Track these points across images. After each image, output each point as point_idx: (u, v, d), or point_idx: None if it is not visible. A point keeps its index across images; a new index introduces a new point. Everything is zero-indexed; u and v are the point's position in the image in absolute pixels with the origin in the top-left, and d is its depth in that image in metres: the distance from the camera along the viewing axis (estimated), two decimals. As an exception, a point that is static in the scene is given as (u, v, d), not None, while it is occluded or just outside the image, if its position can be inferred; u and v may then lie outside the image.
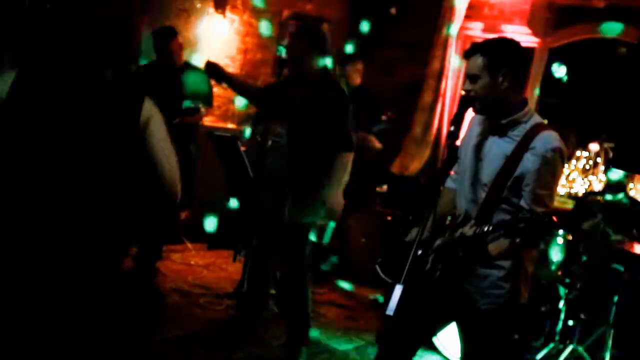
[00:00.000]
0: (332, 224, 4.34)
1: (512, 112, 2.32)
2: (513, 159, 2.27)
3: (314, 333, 4.01)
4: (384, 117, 5.08)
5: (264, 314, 3.96)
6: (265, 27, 5.68)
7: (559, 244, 3.86)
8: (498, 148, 2.34)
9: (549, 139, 2.27)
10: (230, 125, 5.60)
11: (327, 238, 4.78)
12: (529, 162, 2.24)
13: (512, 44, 2.35)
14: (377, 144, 5.24)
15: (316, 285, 4.99)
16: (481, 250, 2.24)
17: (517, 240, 2.03)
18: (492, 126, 2.38)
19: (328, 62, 3.53)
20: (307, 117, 3.39)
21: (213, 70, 3.76)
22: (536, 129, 2.29)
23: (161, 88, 4.18)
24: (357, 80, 5.18)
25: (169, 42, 4.41)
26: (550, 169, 2.25)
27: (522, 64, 2.38)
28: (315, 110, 3.39)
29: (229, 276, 4.73)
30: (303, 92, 3.40)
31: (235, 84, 3.95)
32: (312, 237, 3.61)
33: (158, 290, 4.22)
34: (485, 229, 2.15)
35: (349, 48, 6.19)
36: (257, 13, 5.65)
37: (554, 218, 2.07)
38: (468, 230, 2.22)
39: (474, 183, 2.39)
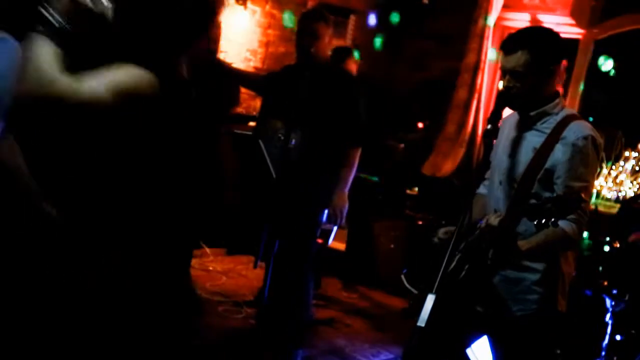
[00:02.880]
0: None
1: (542, 103, 2.32)
2: (543, 151, 2.27)
3: (339, 344, 4.02)
4: (420, 125, 5.03)
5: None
6: (288, 19, 5.70)
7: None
8: (527, 142, 2.35)
9: (580, 127, 2.27)
10: (252, 123, 5.62)
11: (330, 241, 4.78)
12: (559, 152, 2.24)
13: (556, 37, 2.34)
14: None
15: (342, 294, 5.01)
16: (509, 242, 2.22)
17: (543, 221, 2.00)
18: (521, 120, 2.38)
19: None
20: (312, 108, 3.40)
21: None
22: (567, 120, 2.30)
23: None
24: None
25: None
26: (583, 158, 2.23)
27: (564, 57, 2.38)
28: (323, 101, 3.40)
29: (249, 283, 4.75)
30: (309, 82, 3.41)
31: (237, 75, 4.01)
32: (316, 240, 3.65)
33: None
34: (512, 216, 2.16)
35: (377, 42, 6.19)
36: (280, 4, 5.67)
37: (583, 195, 2.08)
38: (494, 219, 2.22)
39: (504, 181, 2.39)
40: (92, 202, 1.60)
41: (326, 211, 3.52)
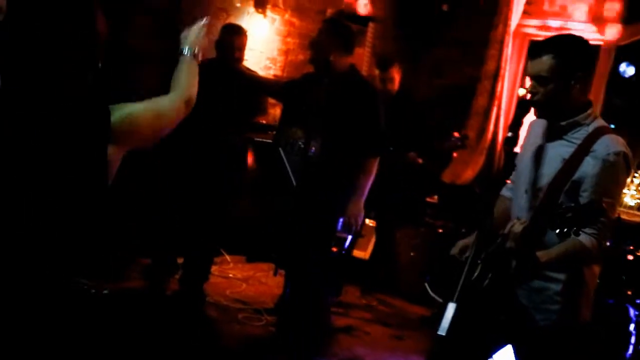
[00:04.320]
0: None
1: (574, 113, 2.29)
2: (571, 163, 2.24)
3: (359, 352, 4.00)
4: (456, 134, 5.01)
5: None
6: (308, 27, 5.72)
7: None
8: (556, 151, 2.32)
9: (612, 142, 2.23)
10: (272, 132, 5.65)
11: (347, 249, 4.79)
12: (588, 165, 2.21)
13: (584, 43, 2.31)
14: (419, 160, 5.12)
15: (362, 301, 5.00)
16: (530, 250, 2.20)
17: (565, 230, 1.98)
18: (551, 129, 2.36)
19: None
20: (331, 116, 3.39)
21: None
22: (598, 132, 2.26)
23: (216, 92, 4.16)
24: (395, 85, 5.08)
25: (231, 37, 4.19)
26: (612, 173, 2.20)
27: (593, 64, 2.35)
28: (340, 110, 3.40)
29: (269, 290, 4.76)
30: (327, 90, 3.41)
31: (257, 81, 4.04)
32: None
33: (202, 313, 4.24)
34: (534, 225, 2.14)
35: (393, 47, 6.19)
36: (299, 12, 5.70)
37: (604, 205, 2.05)
38: (517, 227, 2.20)
39: (529, 190, 2.37)
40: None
41: (341, 219, 3.51)
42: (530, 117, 2.41)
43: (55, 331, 1.64)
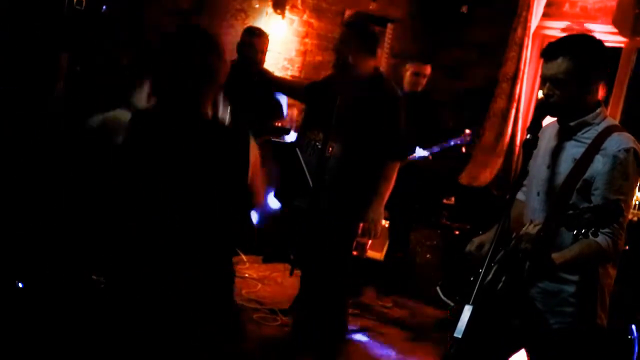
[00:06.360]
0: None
1: (583, 113, 2.29)
2: (582, 162, 2.24)
3: (374, 353, 4.01)
4: (467, 131, 5.00)
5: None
6: (326, 28, 5.73)
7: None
8: (567, 152, 2.32)
9: (622, 139, 2.24)
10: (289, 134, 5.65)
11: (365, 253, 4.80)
12: (598, 163, 2.21)
13: (599, 43, 2.31)
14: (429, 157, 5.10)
15: (377, 302, 5.00)
16: (545, 253, 2.20)
17: (583, 231, 1.98)
18: (561, 130, 2.36)
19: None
20: (351, 119, 3.38)
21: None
22: (608, 131, 2.26)
23: (237, 94, 4.17)
24: (419, 86, 5.08)
25: (253, 39, 4.23)
26: (622, 170, 2.20)
27: (608, 65, 2.35)
28: (362, 113, 3.39)
29: (285, 291, 4.78)
30: (349, 93, 3.40)
31: (279, 83, 4.05)
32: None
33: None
34: (550, 226, 2.13)
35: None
36: (317, 13, 5.71)
37: (623, 205, 2.04)
38: (532, 228, 2.19)
39: (542, 192, 2.37)
40: None
41: (361, 224, 3.51)
42: (549, 119, 2.40)
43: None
